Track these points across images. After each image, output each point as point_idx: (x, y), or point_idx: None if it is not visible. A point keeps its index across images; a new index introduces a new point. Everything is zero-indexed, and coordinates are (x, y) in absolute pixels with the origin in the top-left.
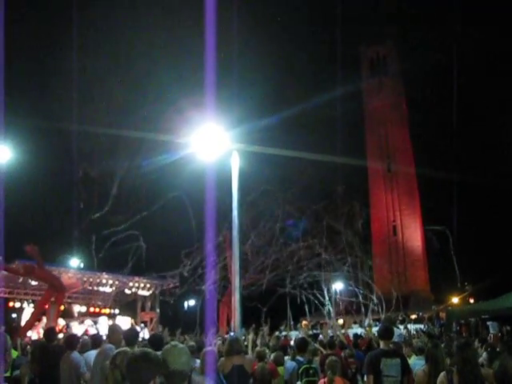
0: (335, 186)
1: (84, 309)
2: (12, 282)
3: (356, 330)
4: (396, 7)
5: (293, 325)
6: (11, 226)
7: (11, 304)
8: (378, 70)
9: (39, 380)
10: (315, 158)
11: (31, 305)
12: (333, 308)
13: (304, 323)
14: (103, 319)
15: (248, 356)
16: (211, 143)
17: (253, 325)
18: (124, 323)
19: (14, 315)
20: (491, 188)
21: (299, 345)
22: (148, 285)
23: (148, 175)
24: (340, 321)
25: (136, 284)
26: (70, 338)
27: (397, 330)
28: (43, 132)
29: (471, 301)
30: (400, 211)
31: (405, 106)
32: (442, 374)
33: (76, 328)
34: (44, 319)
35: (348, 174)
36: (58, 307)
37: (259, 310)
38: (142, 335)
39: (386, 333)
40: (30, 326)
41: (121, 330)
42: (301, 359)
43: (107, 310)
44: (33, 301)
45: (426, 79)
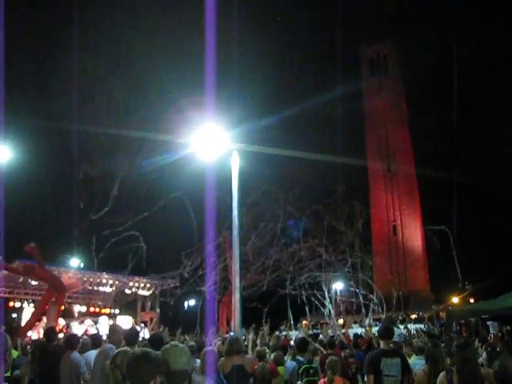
0: (335, 186)
1: (84, 309)
2: (12, 282)
3: (356, 330)
4: (396, 7)
5: (293, 325)
6: (11, 226)
7: (11, 304)
8: (378, 70)
9: (39, 380)
10: (315, 158)
11: (31, 305)
12: (333, 308)
13: (304, 323)
14: (103, 319)
15: (248, 356)
16: (211, 143)
17: (253, 325)
18: (125, 323)
19: (14, 315)
20: (491, 188)
21: (299, 344)
22: (148, 285)
23: (148, 175)
24: (340, 321)
25: (136, 284)
26: (70, 338)
27: (397, 330)
28: (43, 132)
29: (471, 301)
30: (400, 211)
31: (405, 106)
32: (442, 374)
33: (76, 328)
34: (44, 319)
35: (348, 174)
36: (59, 307)
37: (260, 311)
38: (142, 335)
39: (386, 332)
40: (31, 326)
41: (121, 330)
42: (301, 359)
43: (107, 310)
44: (33, 301)
45: (426, 79)
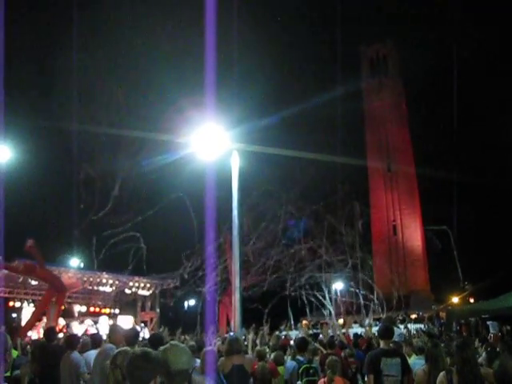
0: (335, 186)
1: (84, 309)
2: (12, 282)
3: (356, 330)
4: (396, 7)
5: (293, 325)
6: (11, 226)
7: (11, 304)
8: (378, 70)
9: (39, 380)
10: (315, 158)
11: (31, 304)
12: (333, 308)
13: (304, 323)
14: (104, 319)
15: (248, 356)
16: (211, 143)
17: (253, 324)
18: (126, 322)
19: (14, 315)
20: (491, 188)
21: (299, 344)
22: (148, 285)
23: (148, 175)
24: (340, 320)
25: (136, 284)
26: (70, 338)
27: (397, 330)
28: (43, 132)
29: (471, 300)
30: (400, 211)
31: (405, 106)
32: (442, 374)
33: (76, 328)
34: (44, 319)
35: (348, 174)
36: (59, 307)
37: (260, 311)
38: (143, 335)
39: (387, 332)
40: (31, 326)
41: (121, 330)
42: (301, 359)
43: (107, 310)
44: (33, 300)
45: (426, 79)
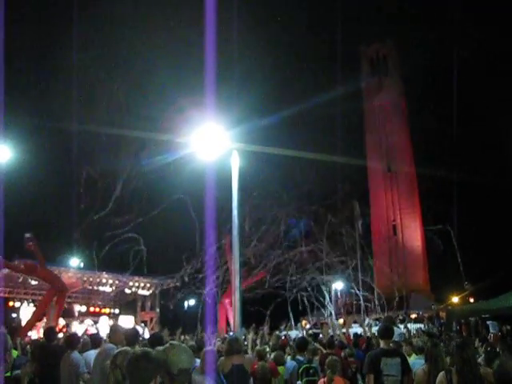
0: (335, 186)
1: (84, 308)
2: (12, 282)
3: (356, 330)
4: (396, 7)
5: (293, 325)
6: (11, 226)
7: (11, 304)
8: (378, 70)
9: (39, 380)
10: (315, 158)
11: (31, 304)
12: (333, 308)
13: (304, 322)
14: (104, 319)
15: (247, 355)
16: (211, 143)
17: (253, 324)
18: (127, 322)
19: (14, 315)
20: (491, 188)
21: (299, 344)
22: (148, 284)
23: (148, 175)
24: (340, 320)
25: (136, 284)
26: (70, 338)
27: (397, 330)
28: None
29: (471, 300)
30: (400, 211)
31: (405, 106)
32: (441, 374)
33: (76, 328)
34: (44, 319)
35: (348, 174)
36: (60, 307)
37: (261, 313)
38: (143, 335)
39: (387, 332)
40: (31, 326)
41: (122, 330)
42: (301, 359)
43: (107, 310)
44: (33, 300)
45: (426, 79)
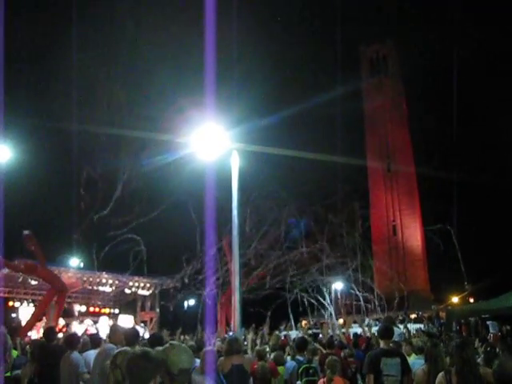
0: (335, 186)
1: (84, 308)
2: (11, 282)
3: (356, 330)
4: (396, 7)
5: (293, 325)
6: (11, 226)
7: (11, 304)
8: (378, 70)
9: (39, 380)
10: (315, 158)
11: (31, 304)
12: (333, 309)
13: (304, 322)
14: (104, 319)
15: (247, 355)
16: (211, 143)
17: (253, 324)
18: (126, 322)
19: (14, 315)
20: (491, 188)
21: (299, 344)
22: (148, 284)
23: (148, 175)
24: (340, 320)
25: (136, 284)
26: (70, 338)
27: (397, 330)
28: (43, 132)
29: (471, 300)
30: (400, 211)
31: (405, 106)
32: (441, 375)
33: (76, 327)
34: (44, 319)
35: (348, 174)
36: (60, 307)
37: (261, 314)
38: (143, 335)
39: (386, 332)
40: (31, 326)
41: (122, 330)
42: (301, 359)
43: (107, 310)
44: (32, 300)
45: (426, 79)
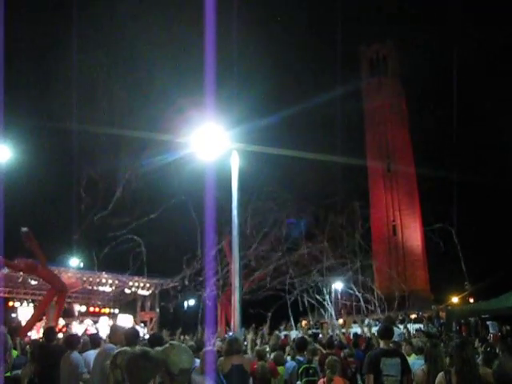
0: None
1: (84, 308)
2: (11, 282)
3: (356, 330)
4: (396, 7)
5: (293, 325)
6: (11, 226)
7: (11, 304)
8: (378, 70)
9: (39, 380)
10: (315, 158)
11: (31, 304)
12: (333, 309)
13: (304, 323)
14: (104, 319)
15: (247, 356)
16: (211, 143)
17: (252, 324)
18: (125, 321)
19: (14, 315)
20: (491, 188)
21: (299, 344)
22: (148, 284)
23: (148, 175)
24: (340, 320)
25: (136, 283)
26: (70, 338)
27: (397, 330)
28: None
29: (471, 300)
30: (400, 211)
31: (405, 106)
32: (441, 375)
33: (76, 327)
34: (44, 319)
35: (348, 174)
36: (60, 307)
37: (261, 315)
38: (143, 335)
39: (386, 332)
40: (31, 327)
41: (122, 330)
42: (301, 359)
43: (107, 310)
44: (32, 300)
45: (426, 79)
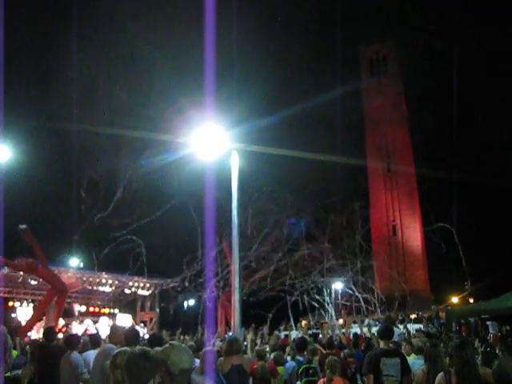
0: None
1: (84, 308)
2: (11, 282)
3: (356, 330)
4: (396, 7)
5: (293, 326)
6: (11, 226)
7: (10, 304)
8: (378, 70)
9: (38, 380)
10: (315, 158)
11: (31, 304)
12: (333, 309)
13: (304, 323)
14: (103, 319)
15: (247, 356)
16: (211, 143)
17: (252, 325)
18: (125, 321)
19: (14, 315)
20: (491, 188)
21: (299, 344)
22: (147, 285)
23: (149, 175)
24: (340, 320)
25: (136, 284)
26: (70, 338)
27: (397, 330)
28: (43, 132)
29: (471, 300)
30: (400, 211)
31: (405, 106)
32: (440, 375)
33: (76, 328)
34: (44, 319)
35: (348, 174)
36: (59, 307)
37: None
38: (143, 335)
39: (386, 333)
40: (31, 327)
41: (122, 330)
42: (300, 359)
43: (107, 310)
44: (32, 300)
45: (426, 79)
